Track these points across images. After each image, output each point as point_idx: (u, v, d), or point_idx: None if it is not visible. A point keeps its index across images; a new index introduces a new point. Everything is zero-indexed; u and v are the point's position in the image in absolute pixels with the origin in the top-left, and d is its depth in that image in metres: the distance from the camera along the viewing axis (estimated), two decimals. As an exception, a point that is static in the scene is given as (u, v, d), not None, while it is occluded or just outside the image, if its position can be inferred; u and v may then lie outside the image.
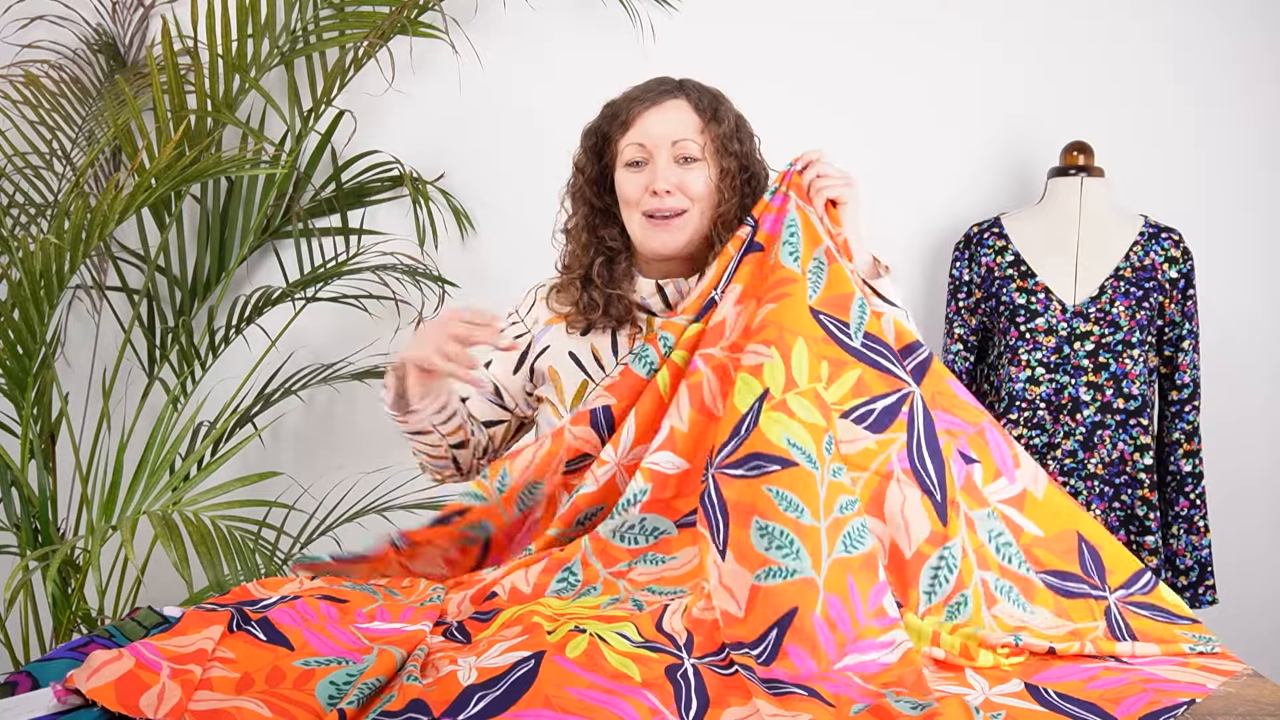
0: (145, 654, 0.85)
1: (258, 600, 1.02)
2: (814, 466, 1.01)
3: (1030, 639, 1.01)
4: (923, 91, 2.28)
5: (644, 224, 1.33)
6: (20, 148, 2.12)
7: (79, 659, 0.88)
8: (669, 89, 1.35)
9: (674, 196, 1.30)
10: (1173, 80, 2.27)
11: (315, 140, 2.24)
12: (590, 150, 1.40)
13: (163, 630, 0.98)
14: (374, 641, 0.95)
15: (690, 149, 1.31)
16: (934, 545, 1.03)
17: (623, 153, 1.34)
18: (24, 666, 0.85)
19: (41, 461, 1.86)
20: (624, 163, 1.34)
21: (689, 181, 1.31)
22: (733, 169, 1.32)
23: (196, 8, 2.06)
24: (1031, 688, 0.93)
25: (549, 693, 0.83)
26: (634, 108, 1.34)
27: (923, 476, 1.06)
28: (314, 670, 0.89)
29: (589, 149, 1.40)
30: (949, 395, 1.17)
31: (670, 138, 1.31)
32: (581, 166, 1.40)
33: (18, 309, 1.65)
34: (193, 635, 0.91)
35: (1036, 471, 1.14)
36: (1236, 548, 2.28)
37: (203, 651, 0.88)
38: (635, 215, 1.33)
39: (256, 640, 0.92)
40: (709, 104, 1.34)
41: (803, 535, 0.97)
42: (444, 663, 0.90)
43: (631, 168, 1.33)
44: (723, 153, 1.32)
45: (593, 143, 1.39)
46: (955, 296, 2.14)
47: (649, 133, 1.32)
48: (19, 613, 2.10)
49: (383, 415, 1.33)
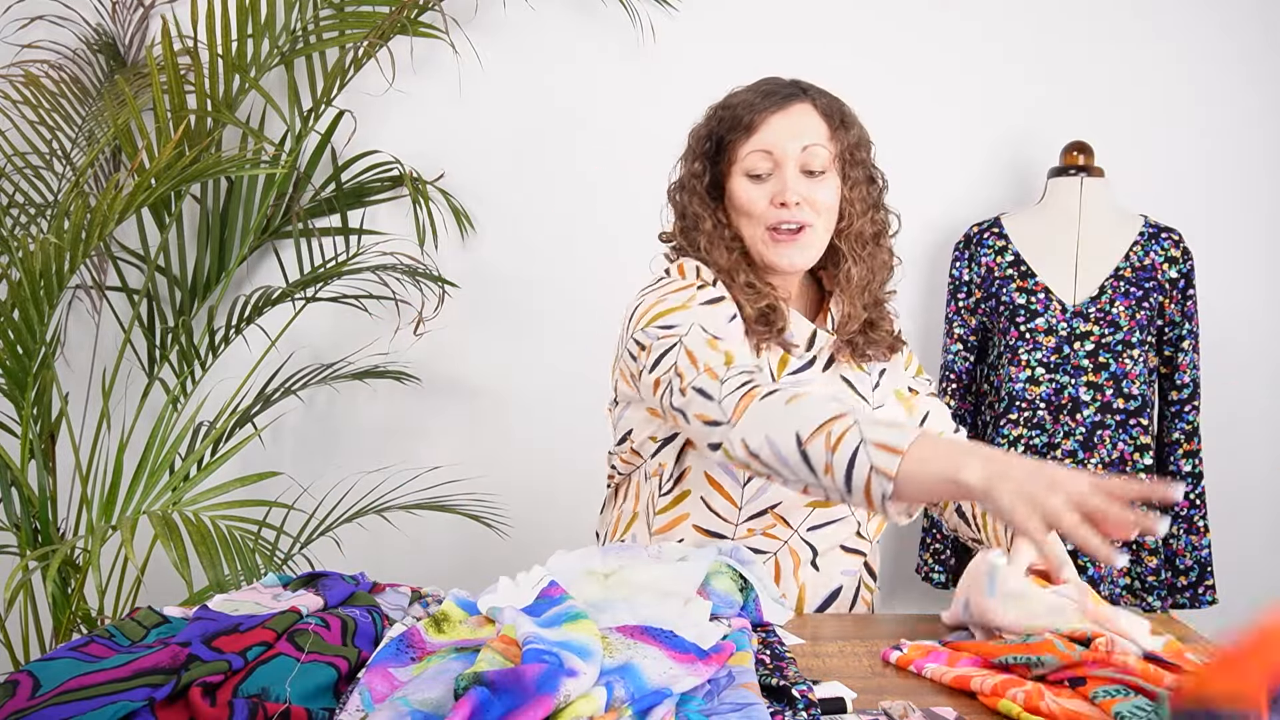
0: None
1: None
2: None
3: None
4: (923, 92, 2.28)
5: (767, 238, 1.24)
6: (20, 148, 2.12)
7: (79, 659, 0.88)
8: (792, 92, 1.25)
9: (802, 209, 1.22)
10: (1173, 80, 2.28)
11: (315, 140, 2.24)
12: (705, 156, 1.29)
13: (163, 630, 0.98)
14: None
15: (819, 156, 1.22)
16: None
17: (744, 160, 1.24)
18: (24, 666, 0.85)
19: (41, 461, 1.86)
20: (745, 170, 1.24)
21: (816, 193, 1.22)
22: (861, 180, 1.26)
23: (196, 8, 2.06)
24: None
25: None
26: (758, 112, 1.23)
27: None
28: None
29: (703, 154, 1.29)
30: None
31: (799, 145, 1.22)
32: (698, 173, 1.29)
33: (18, 309, 1.65)
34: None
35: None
36: (1236, 548, 2.28)
37: None
38: (757, 228, 1.24)
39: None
40: (836, 110, 1.26)
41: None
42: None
43: (753, 176, 1.24)
44: (850, 162, 1.25)
45: (706, 148, 1.29)
46: (955, 296, 2.14)
47: (776, 139, 1.22)
48: (19, 613, 2.10)
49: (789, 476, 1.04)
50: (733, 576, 1.12)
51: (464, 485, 2.23)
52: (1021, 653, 0.98)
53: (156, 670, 0.83)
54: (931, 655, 1.02)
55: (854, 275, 1.28)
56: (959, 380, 2.15)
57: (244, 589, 1.11)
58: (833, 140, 1.24)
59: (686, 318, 1.18)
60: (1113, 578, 1.99)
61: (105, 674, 0.82)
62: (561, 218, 2.30)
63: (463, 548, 2.34)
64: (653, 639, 0.91)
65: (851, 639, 1.11)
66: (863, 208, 1.27)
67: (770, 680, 0.91)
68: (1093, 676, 0.92)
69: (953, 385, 2.15)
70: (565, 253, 2.29)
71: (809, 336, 1.29)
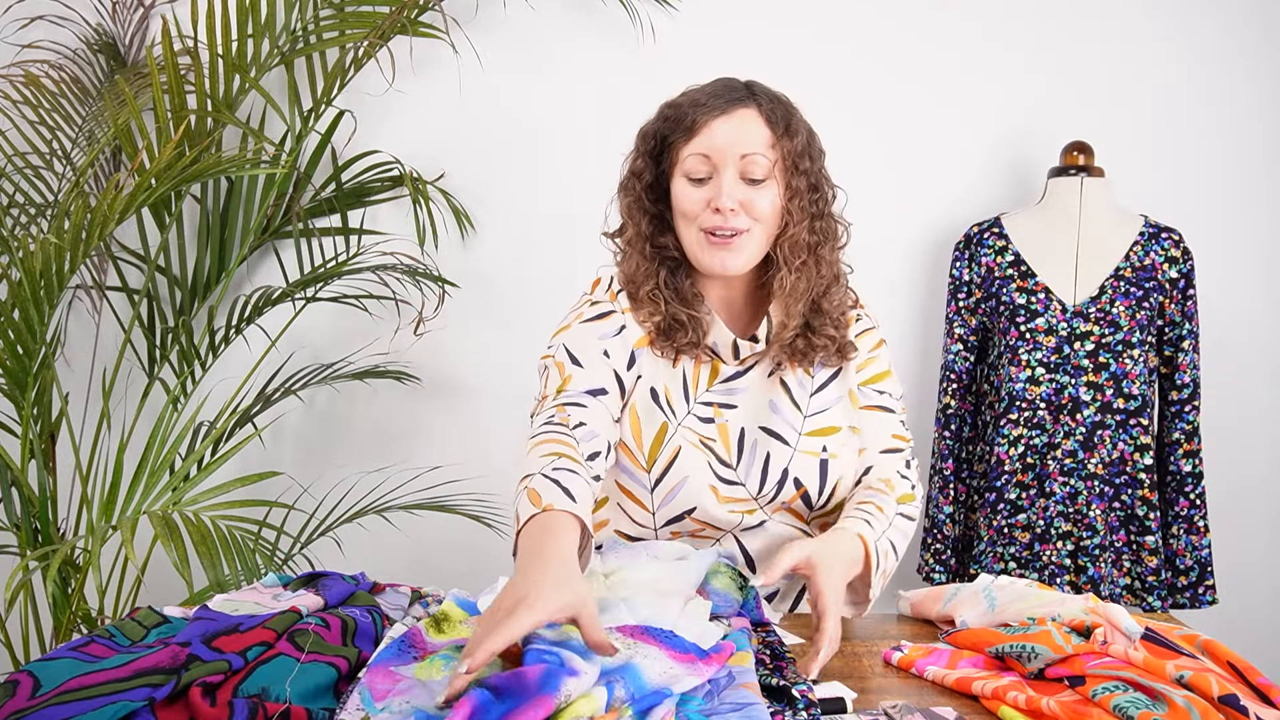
0: None
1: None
2: None
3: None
4: (923, 92, 2.28)
5: (701, 240, 1.23)
6: (20, 148, 2.13)
7: (79, 659, 0.88)
8: (739, 96, 1.23)
9: (738, 215, 1.20)
10: (1173, 80, 2.28)
11: (315, 140, 2.24)
12: (648, 154, 1.28)
13: (163, 630, 0.98)
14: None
15: (759, 164, 1.20)
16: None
17: (684, 161, 1.23)
18: (24, 666, 0.85)
19: (41, 461, 1.86)
20: (685, 172, 1.23)
21: (755, 200, 1.21)
22: (802, 188, 1.23)
23: (196, 8, 2.06)
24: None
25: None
26: (700, 114, 1.22)
27: None
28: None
29: (646, 153, 1.28)
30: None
31: (739, 151, 1.20)
32: (639, 172, 1.29)
33: (18, 309, 1.65)
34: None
35: None
36: (1236, 548, 2.28)
37: None
38: (692, 229, 1.23)
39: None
40: (781, 115, 1.22)
41: None
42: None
43: (693, 179, 1.22)
44: (793, 170, 1.22)
45: (651, 146, 1.28)
46: (955, 296, 2.14)
47: (716, 143, 1.20)
48: (19, 613, 2.10)
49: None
50: (732, 575, 1.12)
51: (464, 485, 2.23)
52: (1017, 641, 0.98)
53: (156, 670, 0.83)
54: (933, 656, 1.02)
55: (787, 283, 1.25)
56: (959, 380, 2.15)
57: (244, 589, 1.11)
58: (774, 147, 1.21)
59: (560, 338, 1.29)
60: (1113, 578, 2.00)
61: (105, 674, 0.82)
62: (561, 218, 2.30)
63: (463, 548, 2.34)
64: (653, 639, 0.91)
65: (852, 639, 1.11)
66: (800, 216, 1.23)
67: (770, 680, 0.91)
68: (1091, 674, 0.92)
69: (953, 385, 2.15)
70: (565, 253, 2.29)
71: (731, 346, 1.28)
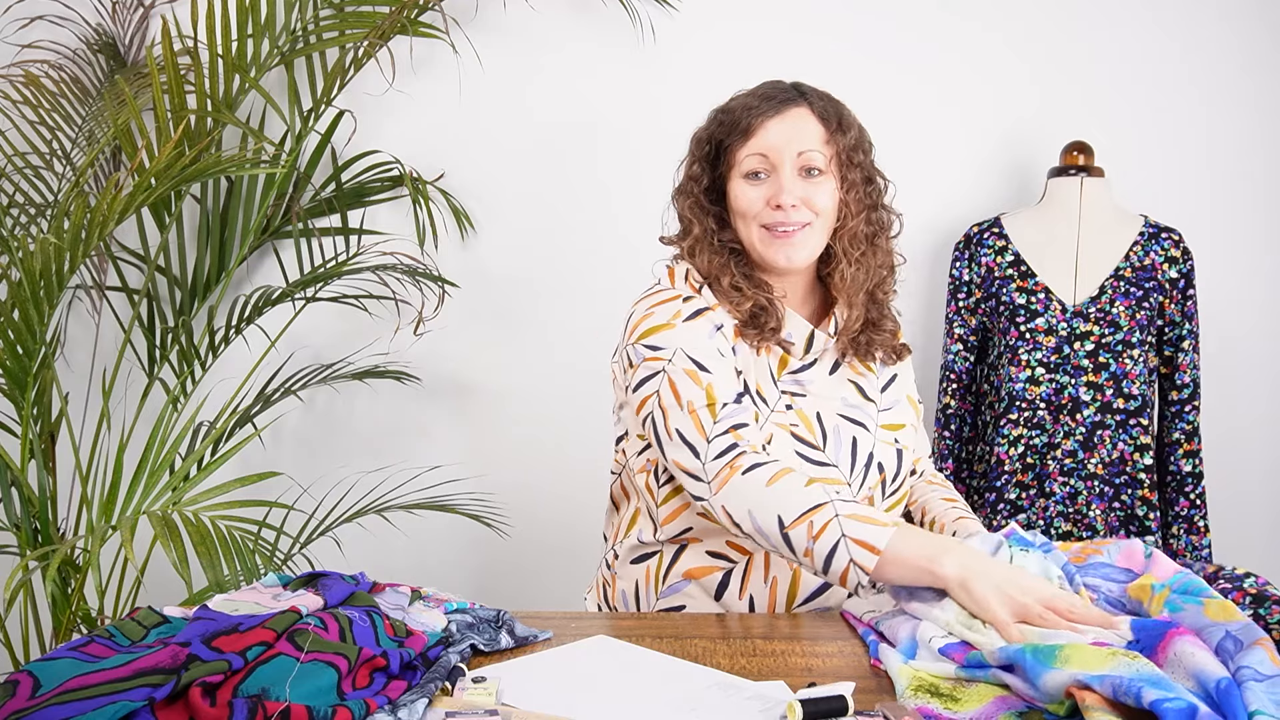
0: None
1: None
2: None
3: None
4: (923, 91, 2.28)
5: (764, 236, 1.26)
6: (20, 148, 2.12)
7: (79, 659, 0.88)
8: (789, 96, 1.27)
9: (799, 210, 1.24)
10: (1173, 80, 2.27)
11: (315, 140, 2.24)
12: (704, 159, 1.31)
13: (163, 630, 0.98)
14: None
15: (816, 160, 1.24)
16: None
17: (742, 163, 1.26)
18: (24, 666, 0.85)
19: (41, 461, 1.86)
20: (743, 173, 1.26)
21: (814, 195, 1.25)
22: (858, 181, 1.27)
23: (196, 8, 2.06)
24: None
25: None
26: (754, 116, 1.25)
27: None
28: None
29: (703, 158, 1.31)
30: None
31: (795, 148, 1.24)
32: (696, 176, 1.32)
33: (18, 309, 1.65)
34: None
35: None
36: (1236, 548, 2.28)
37: None
38: (753, 227, 1.27)
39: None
40: (833, 112, 1.27)
41: None
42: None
43: (751, 179, 1.26)
44: (847, 164, 1.26)
45: (706, 151, 1.31)
46: (955, 296, 2.14)
47: (772, 143, 1.24)
48: (19, 613, 2.10)
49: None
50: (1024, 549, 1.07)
51: (464, 485, 2.23)
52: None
53: (156, 670, 0.83)
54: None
55: (848, 275, 1.30)
56: (959, 380, 2.15)
57: (244, 589, 1.11)
58: (829, 143, 1.26)
59: (671, 339, 1.22)
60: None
61: (105, 674, 0.82)
62: (561, 217, 2.30)
63: (463, 548, 2.34)
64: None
65: (851, 639, 1.11)
66: (858, 208, 1.28)
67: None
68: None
69: (953, 385, 2.15)
70: (565, 253, 2.29)
71: (807, 337, 1.30)
